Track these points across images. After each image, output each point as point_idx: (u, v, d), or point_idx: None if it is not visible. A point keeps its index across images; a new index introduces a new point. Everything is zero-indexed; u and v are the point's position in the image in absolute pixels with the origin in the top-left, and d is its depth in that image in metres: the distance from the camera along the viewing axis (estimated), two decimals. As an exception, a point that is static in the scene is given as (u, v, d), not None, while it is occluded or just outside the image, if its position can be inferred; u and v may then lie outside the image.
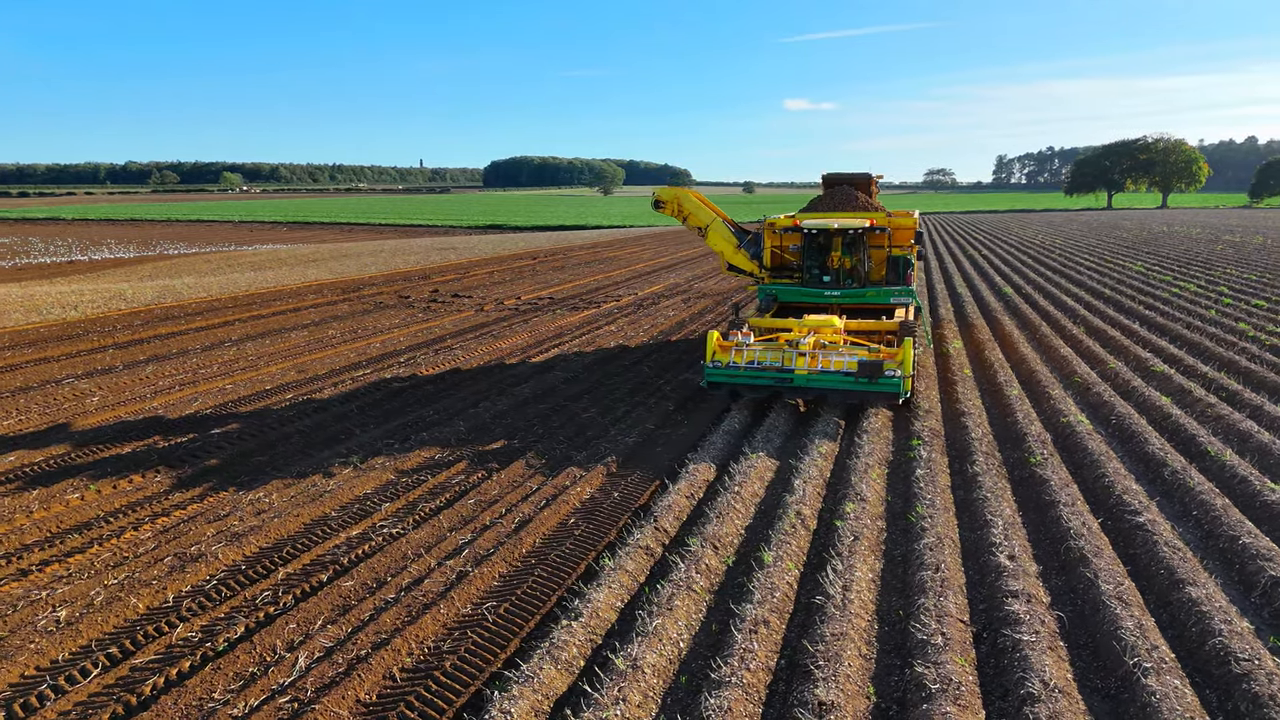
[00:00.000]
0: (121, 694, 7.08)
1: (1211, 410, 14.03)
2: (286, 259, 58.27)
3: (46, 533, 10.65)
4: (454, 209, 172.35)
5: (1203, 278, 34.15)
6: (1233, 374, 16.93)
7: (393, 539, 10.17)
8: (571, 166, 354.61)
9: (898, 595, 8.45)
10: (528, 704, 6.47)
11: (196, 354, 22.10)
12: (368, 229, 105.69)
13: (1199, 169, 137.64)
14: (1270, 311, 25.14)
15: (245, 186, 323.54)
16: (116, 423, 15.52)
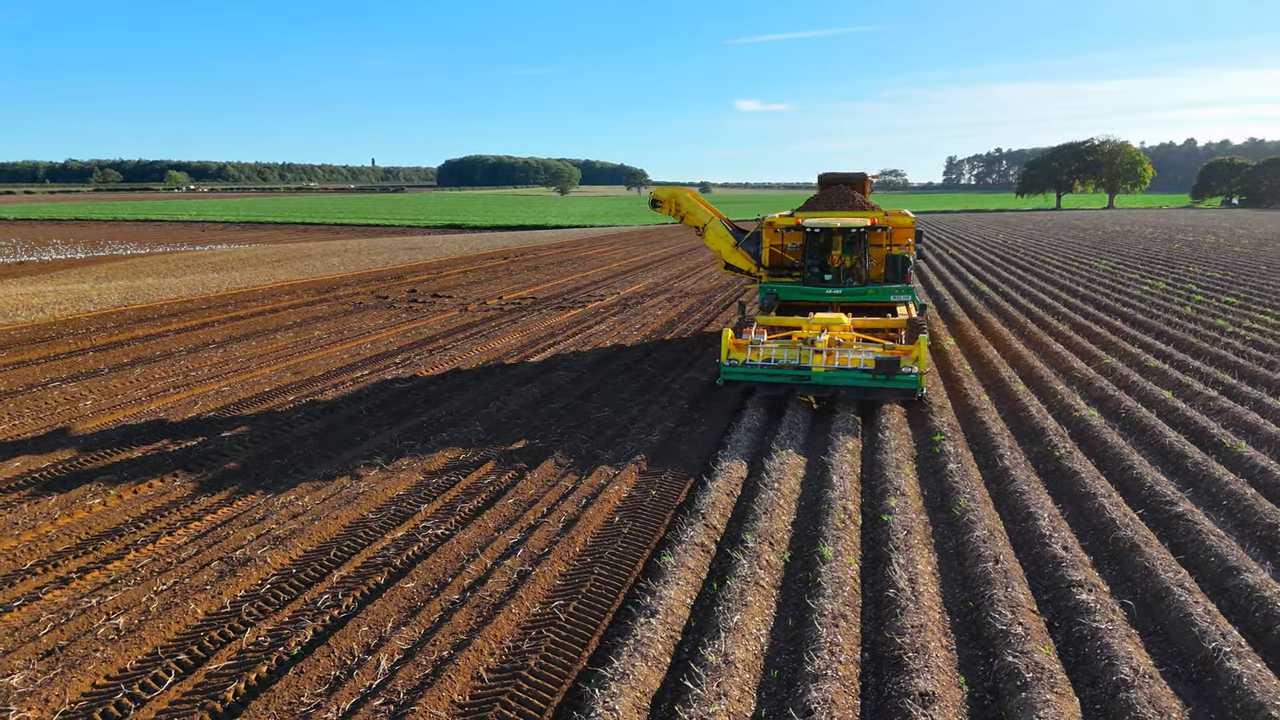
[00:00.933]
0: (205, 700, 6.95)
1: (1214, 404, 14.49)
2: (249, 259, 57.14)
3: (76, 539, 10.38)
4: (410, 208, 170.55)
5: (1169, 276, 35.18)
6: (1224, 368, 17.49)
7: (441, 540, 10.09)
8: (527, 166, 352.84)
9: (960, 587, 8.61)
10: (629, 700, 6.49)
11: (182, 356, 21.64)
12: (324, 229, 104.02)
13: (1143, 170, 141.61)
14: (1242, 307, 26.01)
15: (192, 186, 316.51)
16: (117, 427, 15.16)
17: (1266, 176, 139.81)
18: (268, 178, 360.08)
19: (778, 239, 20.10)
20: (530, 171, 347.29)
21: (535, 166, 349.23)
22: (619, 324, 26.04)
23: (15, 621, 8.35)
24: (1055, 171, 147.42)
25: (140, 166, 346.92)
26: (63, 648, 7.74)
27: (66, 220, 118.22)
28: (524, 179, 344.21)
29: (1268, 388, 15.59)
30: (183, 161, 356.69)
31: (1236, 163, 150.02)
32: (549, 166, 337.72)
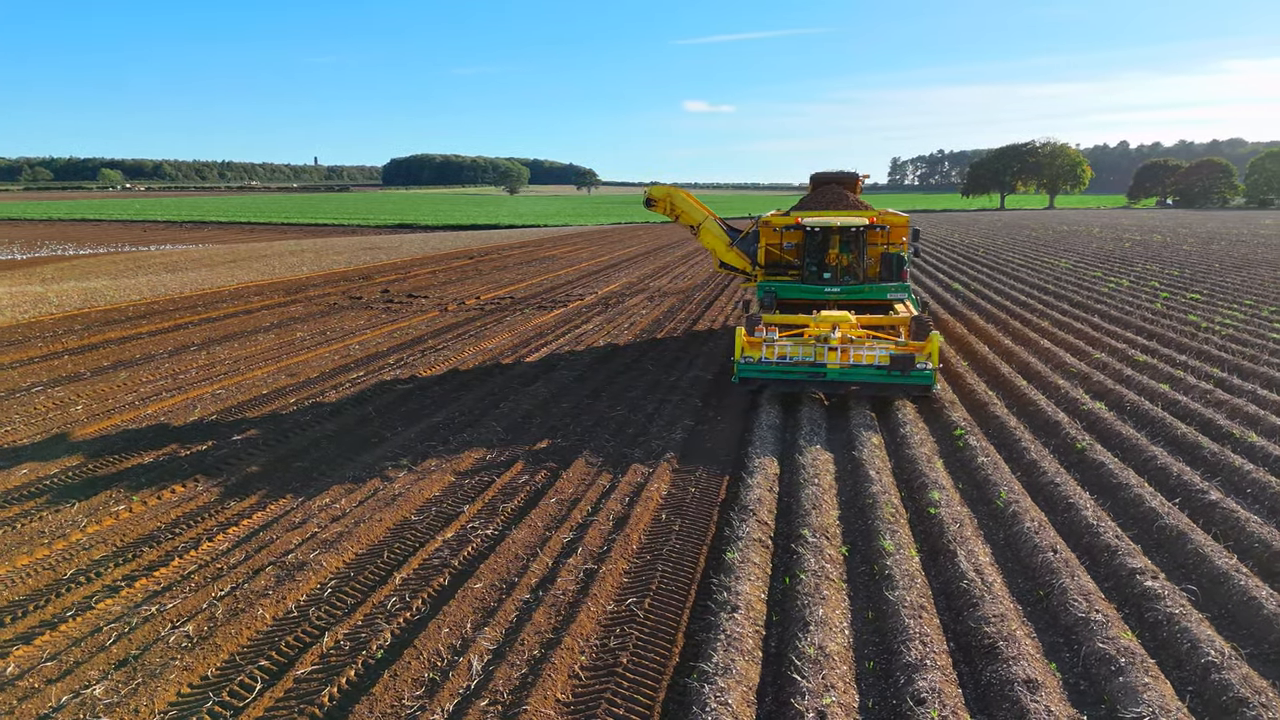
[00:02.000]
0: (302, 705, 6.84)
1: (1211, 396, 15.04)
2: (202, 260, 55.76)
3: (113, 546, 10.12)
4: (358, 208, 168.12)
5: (1130, 274, 36.29)
6: (1209, 361, 18.15)
7: (495, 540, 10.04)
8: (475, 165, 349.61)
9: (1023, 577, 8.83)
10: (737, 694, 6.56)
11: (164, 359, 21.12)
12: (271, 229, 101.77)
13: (1083, 172, 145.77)
14: (1208, 303, 26.98)
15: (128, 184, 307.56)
16: (119, 432, 14.78)
17: (1198, 178, 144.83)
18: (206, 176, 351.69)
19: (776, 238, 20.30)
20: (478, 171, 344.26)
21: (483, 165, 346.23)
22: (606, 323, 26.04)
23: (74, 631, 8.12)
24: (999, 173, 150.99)
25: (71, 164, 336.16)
26: (136, 657, 7.55)
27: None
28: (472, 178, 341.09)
29: (1259, 381, 16.20)
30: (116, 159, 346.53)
31: (1170, 164, 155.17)
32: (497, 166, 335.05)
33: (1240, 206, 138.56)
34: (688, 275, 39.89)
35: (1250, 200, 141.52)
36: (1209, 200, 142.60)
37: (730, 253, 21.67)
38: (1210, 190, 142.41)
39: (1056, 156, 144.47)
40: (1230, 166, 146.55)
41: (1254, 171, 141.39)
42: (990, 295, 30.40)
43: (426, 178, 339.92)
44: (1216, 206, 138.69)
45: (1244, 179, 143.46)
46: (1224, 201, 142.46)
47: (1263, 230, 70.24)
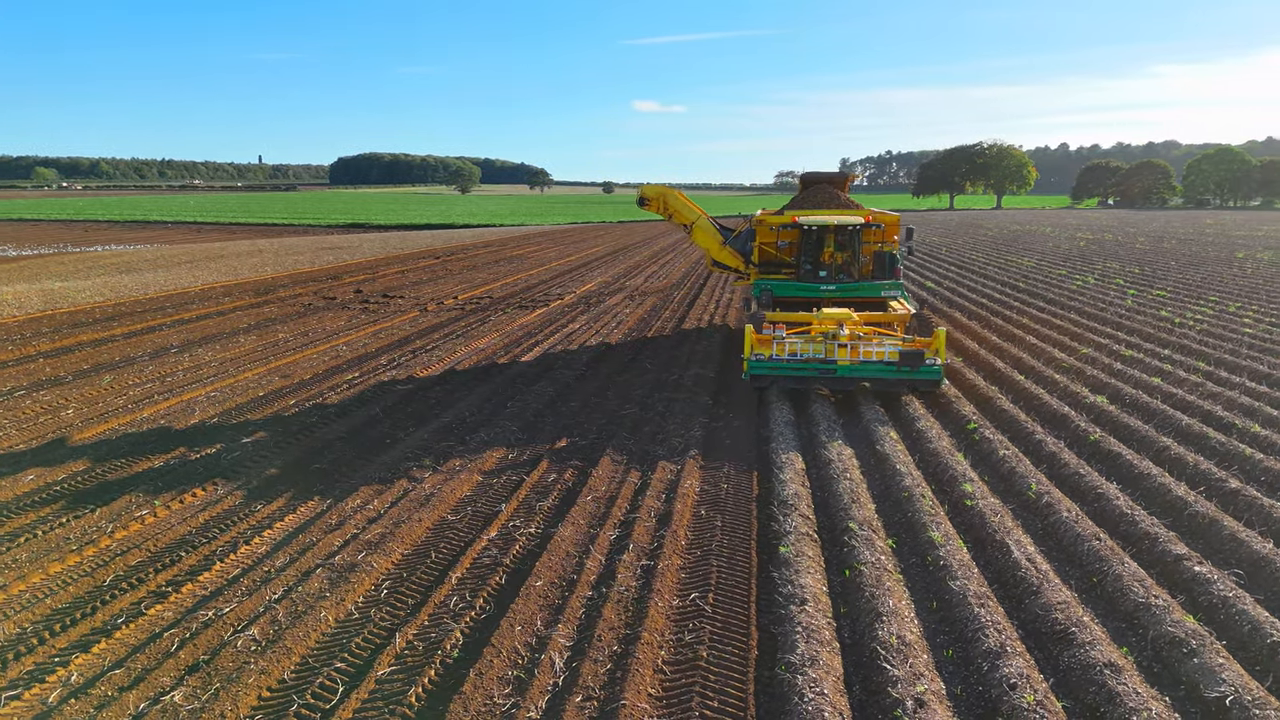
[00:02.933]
0: (393, 705, 6.79)
1: (1203, 388, 15.58)
2: (157, 260, 54.40)
3: (147, 552, 9.90)
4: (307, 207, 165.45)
5: (1093, 271, 37.32)
6: (1191, 355, 18.79)
7: (542, 539, 10.02)
8: (425, 164, 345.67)
9: (1072, 565, 9.08)
10: (829, 684, 6.67)
11: (145, 361, 20.65)
12: (219, 229, 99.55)
13: (1028, 173, 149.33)
14: (1175, 300, 27.89)
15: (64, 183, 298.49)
16: (119, 436, 14.44)
17: (1138, 179, 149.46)
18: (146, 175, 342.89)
19: (771, 236, 20.50)
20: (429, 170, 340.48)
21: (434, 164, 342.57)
22: (592, 322, 26.05)
23: (130, 638, 7.95)
24: (948, 173, 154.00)
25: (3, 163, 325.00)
26: (206, 661, 7.42)
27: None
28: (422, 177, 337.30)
29: (1246, 374, 16.82)
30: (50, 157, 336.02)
31: (1111, 166, 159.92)
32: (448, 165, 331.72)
33: (1178, 206, 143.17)
34: (661, 275, 40.03)
35: (1188, 200, 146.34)
36: (1149, 201, 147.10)
37: (723, 252, 21.83)
38: (1150, 191, 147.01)
39: (1003, 158, 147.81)
40: (1168, 168, 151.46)
41: (1191, 173, 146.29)
42: (965, 293, 31.03)
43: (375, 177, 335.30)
44: (1156, 207, 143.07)
45: (1181, 180, 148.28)
46: (1163, 202, 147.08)
47: (1207, 230, 72.69)
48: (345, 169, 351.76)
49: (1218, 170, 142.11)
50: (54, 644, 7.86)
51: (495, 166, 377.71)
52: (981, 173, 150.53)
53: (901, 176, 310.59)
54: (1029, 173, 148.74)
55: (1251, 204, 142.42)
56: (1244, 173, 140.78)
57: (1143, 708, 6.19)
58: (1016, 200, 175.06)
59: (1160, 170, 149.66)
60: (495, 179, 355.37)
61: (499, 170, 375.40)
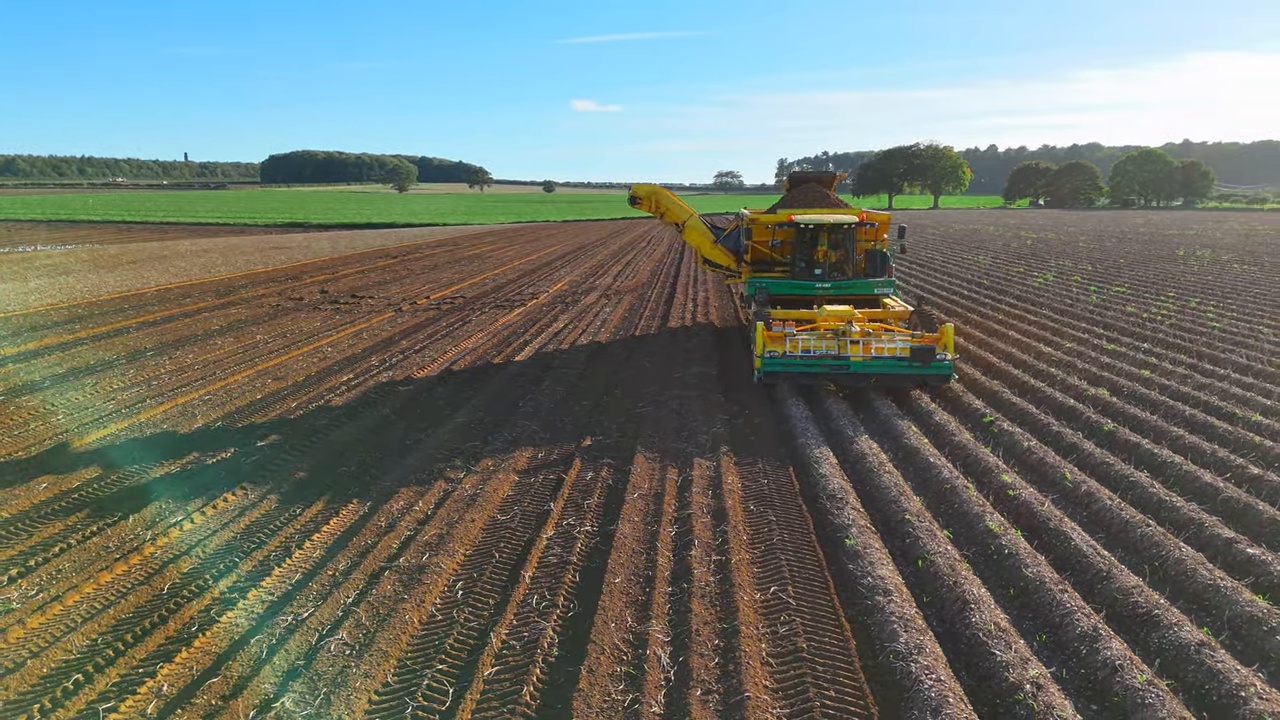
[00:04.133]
0: (512, 704, 6.75)
1: (1191, 379, 16.26)
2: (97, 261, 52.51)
3: (196, 559, 9.65)
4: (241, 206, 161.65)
5: (1050, 269, 38.50)
6: (1170, 348, 19.56)
7: (604, 536, 10.03)
8: (360, 162, 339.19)
9: (1129, 550, 9.40)
10: (941, 671, 6.84)
11: (123, 365, 20.03)
12: (150, 228, 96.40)
13: (963, 174, 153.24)
14: (1136, 296, 28.97)
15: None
16: (123, 441, 14.05)
17: (1067, 180, 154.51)
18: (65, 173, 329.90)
19: (766, 235, 20.73)
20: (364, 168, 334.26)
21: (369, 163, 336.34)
22: (576, 322, 26.00)
23: (213, 646, 7.76)
24: (887, 174, 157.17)
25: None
26: (305, 667, 7.27)
27: None
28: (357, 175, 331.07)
29: (1229, 366, 17.59)
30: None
31: (1041, 167, 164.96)
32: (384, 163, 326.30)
33: (1105, 207, 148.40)
34: (627, 274, 40.08)
35: (1114, 201, 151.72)
36: (1077, 201, 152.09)
37: (715, 250, 22.02)
38: (1078, 191, 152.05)
39: (939, 159, 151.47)
40: (1095, 169, 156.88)
41: (1117, 174, 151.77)
42: (936, 291, 31.75)
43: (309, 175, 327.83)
44: (1084, 207, 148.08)
45: (1108, 181, 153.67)
46: (1090, 202, 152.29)
47: (1141, 228, 75.55)
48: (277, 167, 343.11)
49: (1142, 172, 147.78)
50: (132, 654, 7.63)
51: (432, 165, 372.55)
52: (919, 173, 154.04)
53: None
54: (964, 173, 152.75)
55: (1174, 204, 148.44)
56: (1166, 174, 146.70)
57: (1247, 684, 6.48)
58: (952, 200, 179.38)
59: (1088, 171, 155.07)
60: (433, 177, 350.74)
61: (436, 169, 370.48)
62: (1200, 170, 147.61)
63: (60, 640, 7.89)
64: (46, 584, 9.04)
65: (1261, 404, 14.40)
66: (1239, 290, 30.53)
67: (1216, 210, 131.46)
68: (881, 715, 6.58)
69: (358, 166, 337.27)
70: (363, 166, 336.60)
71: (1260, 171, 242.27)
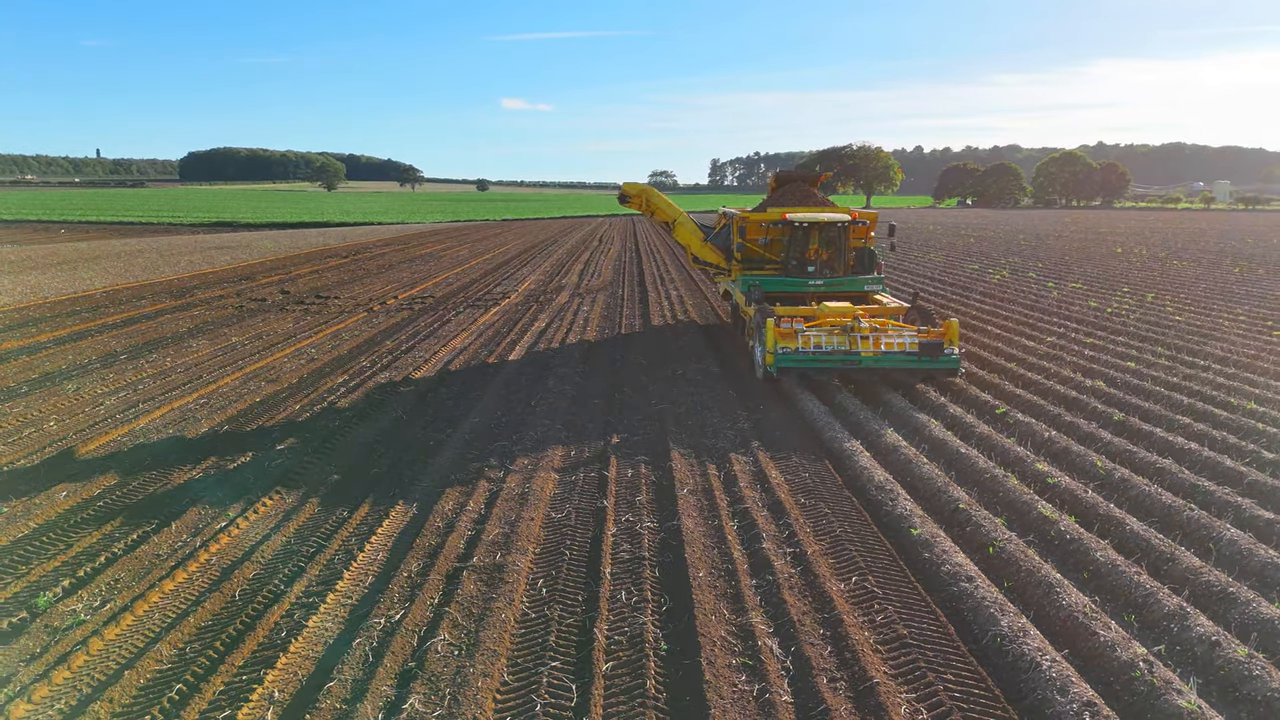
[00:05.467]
0: (638, 698, 6.78)
1: (1179, 370, 17.03)
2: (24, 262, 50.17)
3: (257, 565, 9.44)
4: (163, 204, 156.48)
5: (1001, 266, 39.70)
6: (1145, 341, 20.43)
7: (669, 532, 10.07)
8: (285, 159, 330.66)
9: (1180, 532, 9.81)
10: (1053, 652, 7.10)
11: (99, 369, 19.35)
12: (70, 227, 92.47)
13: (894, 174, 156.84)
14: (1094, 292, 30.11)
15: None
16: (130, 447, 13.62)
17: (993, 180, 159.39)
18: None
19: (759, 233, 20.98)
20: (290, 165, 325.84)
21: (295, 160, 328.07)
22: (557, 322, 25.92)
23: (310, 650, 7.63)
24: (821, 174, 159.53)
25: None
26: (418, 669, 7.18)
27: None
28: (283, 173, 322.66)
29: (1207, 357, 18.45)
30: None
31: (969, 168, 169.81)
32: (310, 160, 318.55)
33: (1029, 206, 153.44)
34: (592, 274, 40.03)
35: (1037, 201, 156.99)
36: (1003, 200, 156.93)
37: (705, 248, 22.21)
38: (1004, 191, 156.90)
39: (871, 159, 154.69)
40: (1019, 170, 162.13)
41: (1039, 175, 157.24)
42: (901, 290, 32.46)
43: (231, 173, 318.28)
44: (1009, 206, 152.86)
45: (1031, 182, 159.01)
46: (1015, 202, 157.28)
47: (1071, 227, 78.39)
48: (197, 164, 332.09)
49: (1063, 172, 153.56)
50: (230, 661, 7.43)
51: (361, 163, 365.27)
52: (852, 173, 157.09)
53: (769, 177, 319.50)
54: (895, 174, 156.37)
55: (1093, 204, 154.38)
56: (1086, 175, 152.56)
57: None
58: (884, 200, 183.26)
59: (1012, 173, 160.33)
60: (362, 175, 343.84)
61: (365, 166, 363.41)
62: (1118, 171, 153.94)
63: (147, 650, 7.65)
64: (107, 595, 8.74)
65: (1250, 392, 15.17)
66: (1186, 286, 31.98)
67: (1134, 209, 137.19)
68: (1006, 696, 6.79)
69: (283, 164, 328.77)
70: (288, 164, 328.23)
71: (1168, 172, 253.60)
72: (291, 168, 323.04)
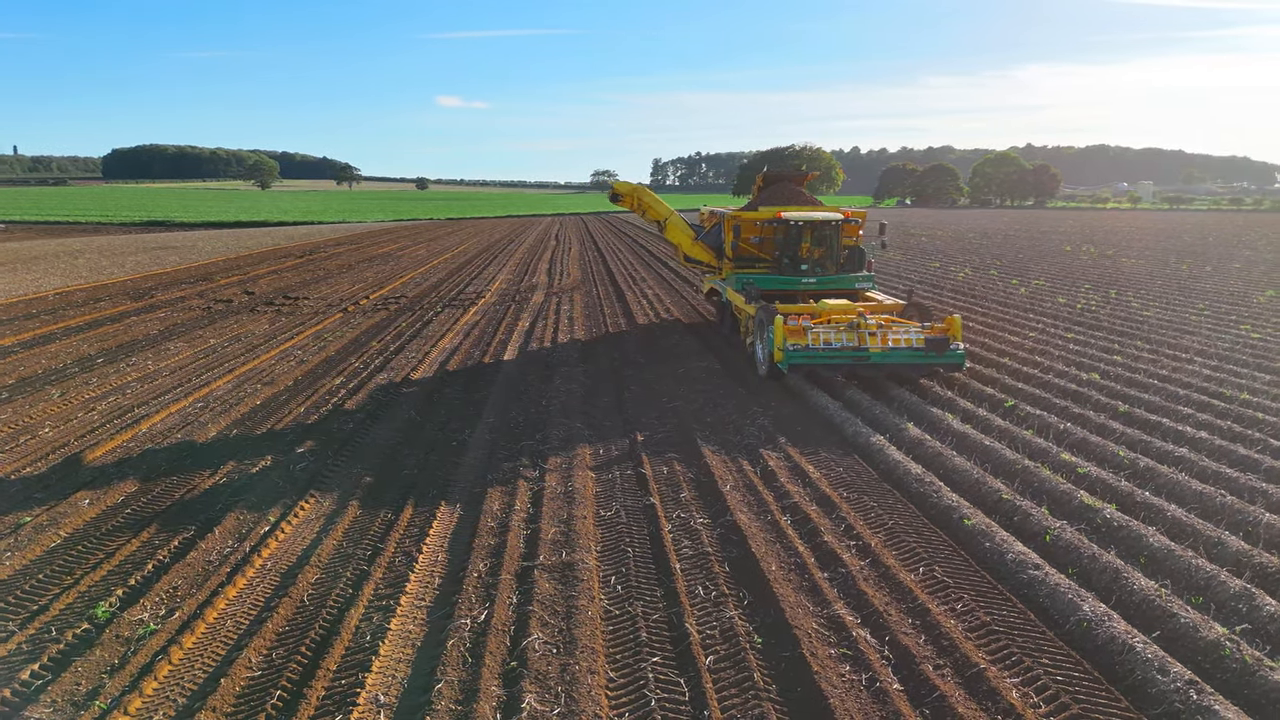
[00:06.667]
0: (752, 691, 6.85)
1: (1163, 363, 17.69)
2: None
3: (318, 569, 9.26)
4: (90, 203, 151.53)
5: (961, 265, 40.66)
6: (1123, 336, 21.17)
7: (725, 526, 10.16)
8: (216, 157, 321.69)
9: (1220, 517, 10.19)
10: (1141, 634, 7.36)
11: (78, 373, 18.76)
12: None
13: (837, 174, 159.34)
14: (1059, 289, 31.05)
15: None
16: (140, 453, 13.23)
17: (931, 181, 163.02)
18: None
19: (754, 231, 21.18)
20: (220, 163, 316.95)
21: (225, 158, 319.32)
22: (541, 321, 25.82)
23: (402, 653, 7.56)
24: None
25: None
26: (521, 668, 7.14)
27: None
28: (213, 172, 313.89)
29: (1189, 350, 19.19)
30: None
31: (908, 168, 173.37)
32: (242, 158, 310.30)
33: (966, 206, 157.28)
34: (560, 273, 39.88)
35: (973, 201, 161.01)
36: (940, 200, 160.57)
37: (695, 246, 22.36)
38: (942, 191, 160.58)
39: (815, 159, 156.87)
40: (956, 171, 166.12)
41: (976, 175, 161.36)
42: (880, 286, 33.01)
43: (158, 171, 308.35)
44: (947, 206, 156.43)
45: (967, 182, 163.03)
46: (952, 202, 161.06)
47: (1014, 226, 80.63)
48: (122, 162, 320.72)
49: (998, 173, 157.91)
50: (325, 666, 7.28)
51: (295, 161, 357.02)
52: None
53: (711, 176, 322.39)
54: (837, 174, 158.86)
55: (1026, 204, 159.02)
56: (1019, 176, 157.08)
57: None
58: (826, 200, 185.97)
59: (950, 173, 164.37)
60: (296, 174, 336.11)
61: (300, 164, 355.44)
62: (1049, 172, 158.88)
63: (233, 658, 7.47)
64: (170, 603, 8.50)
65: (1238, 384, 15.85)
66: (1143, 282, 33.18)
67: (1066, 209, 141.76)
68: (1109, 678, 7.01)
69: (213, 162, 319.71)
70: (219, 162, 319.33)
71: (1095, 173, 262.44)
72: (222, 166, 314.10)
